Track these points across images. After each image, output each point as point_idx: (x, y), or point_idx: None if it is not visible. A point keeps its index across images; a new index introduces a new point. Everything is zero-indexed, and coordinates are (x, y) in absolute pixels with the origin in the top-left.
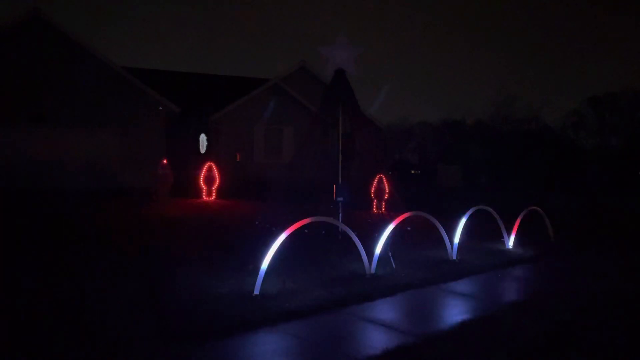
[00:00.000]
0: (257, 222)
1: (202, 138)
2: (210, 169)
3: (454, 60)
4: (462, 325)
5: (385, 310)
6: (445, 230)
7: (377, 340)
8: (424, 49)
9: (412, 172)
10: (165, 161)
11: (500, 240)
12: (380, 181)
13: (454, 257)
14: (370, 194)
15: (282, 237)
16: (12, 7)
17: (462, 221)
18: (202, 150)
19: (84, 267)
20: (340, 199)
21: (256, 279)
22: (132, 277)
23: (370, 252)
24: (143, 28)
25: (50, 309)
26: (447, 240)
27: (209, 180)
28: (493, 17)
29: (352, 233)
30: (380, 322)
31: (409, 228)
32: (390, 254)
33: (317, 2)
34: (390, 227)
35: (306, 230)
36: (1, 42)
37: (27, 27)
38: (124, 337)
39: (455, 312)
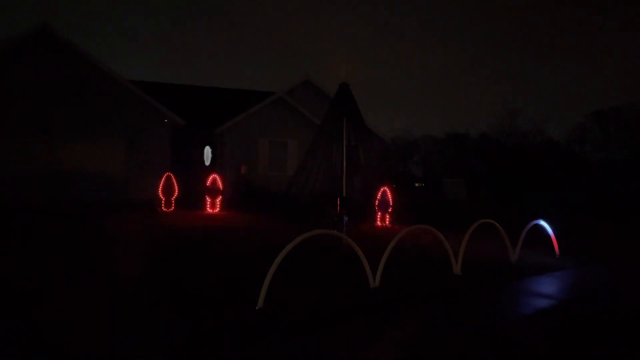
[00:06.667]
0: (260, 233)
1: (207, 150)
2: (214, 182)
3: (458, 73)
4: (470, 338)
5: (389, 324)
6: (449, 244)
7: (384, 354)
8: (428, 62)
9: (417, 185)
10: (170, 173)
11: (505, 254)
12: (384, 194)
13: (458, 271)
14: (374, 207)
15: (285, 250)
16: (22, 21)
17: (467, 235)
18: (207, 162)
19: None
20: (344, 211)
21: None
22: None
23: (374, 265)
24: (149, 42)
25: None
26: (451, 254)
27: (214, 192)
28: (497, 30)
29: (356, 246)
30: (385, 336)
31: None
32: (394, 268)
33: (322, 16)
34: (394, 240)
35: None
36: (11, 56)
37: (36, 40)
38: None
39: (463, 329)
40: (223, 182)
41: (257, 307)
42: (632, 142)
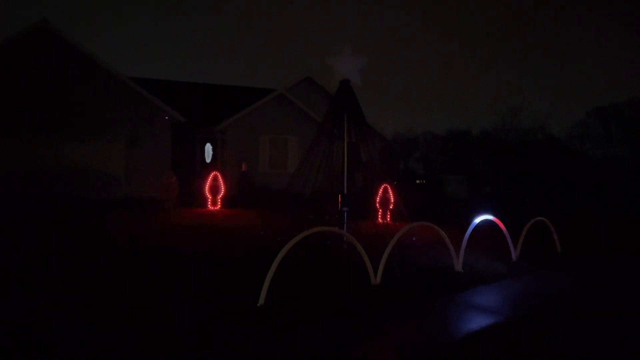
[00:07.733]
0: (262, 232)
1: (208, 148)
2: (215, 179)
3: (460, 70)
4: (472, 337)
5: (390, 322)
6: (450, 241)
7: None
8: (429, 59)
9: (418, 182)
10: (171, 170)
11: (507, 251)
12: (385, 191)
13: (459, 269)
14: (375, 204)
15: (287, 247)
16: (21, 18)
17: (468, 232)
18: (208, 159)
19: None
20: (345, 208)
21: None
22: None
23: (375, 262)
24: (149, 38)
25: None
26: (453, 251)
27: (215, 189)
28: (498, 28)
29: (357, 243)
30: (387, 335)
31: (414, 238)
32: (395, 265)
33: (323, 13)
34: (396, 237)
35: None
36: (10, 53)
37: (35, 37)
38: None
39: (461, 326)
40: (224, 180)
41: (258, 305)
42: (633, 139)
